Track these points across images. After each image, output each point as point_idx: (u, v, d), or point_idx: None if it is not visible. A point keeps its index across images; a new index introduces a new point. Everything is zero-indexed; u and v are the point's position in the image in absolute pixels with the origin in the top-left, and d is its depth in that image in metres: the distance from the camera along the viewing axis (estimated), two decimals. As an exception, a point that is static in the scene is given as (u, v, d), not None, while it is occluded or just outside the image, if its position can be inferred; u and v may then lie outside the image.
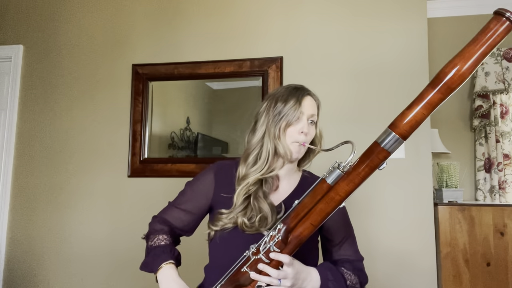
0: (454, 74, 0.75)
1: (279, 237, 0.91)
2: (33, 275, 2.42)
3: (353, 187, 0.85)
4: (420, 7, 2.21)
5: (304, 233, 0.90)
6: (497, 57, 2.76)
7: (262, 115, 1.12)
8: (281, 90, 1.14)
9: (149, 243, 1.15)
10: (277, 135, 1.08)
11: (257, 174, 1.08)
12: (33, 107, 2.56)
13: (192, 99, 2.49)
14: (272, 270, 0.91)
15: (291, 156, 1.09)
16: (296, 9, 2.34)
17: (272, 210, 1.07)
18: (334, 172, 0.88)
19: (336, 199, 0.87)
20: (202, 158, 2.38)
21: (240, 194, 1.07)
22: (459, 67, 0.75)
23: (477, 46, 0.74)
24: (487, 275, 2.09)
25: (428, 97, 0.79)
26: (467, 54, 0.75)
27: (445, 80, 0.76)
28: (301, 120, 1.09)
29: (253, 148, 1.11)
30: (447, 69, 0.76)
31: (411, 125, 0.81)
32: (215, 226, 1.09)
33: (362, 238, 2.15)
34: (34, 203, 2.48)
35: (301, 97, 1.10)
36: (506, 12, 0.71)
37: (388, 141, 0.83)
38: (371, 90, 2.20)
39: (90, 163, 2.44)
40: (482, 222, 2.13)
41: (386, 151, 0.83)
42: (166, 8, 2.50)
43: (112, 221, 2.37)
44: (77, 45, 2.57)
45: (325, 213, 0.88)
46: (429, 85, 0.79)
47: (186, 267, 1.36)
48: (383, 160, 0.84)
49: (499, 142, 2.75)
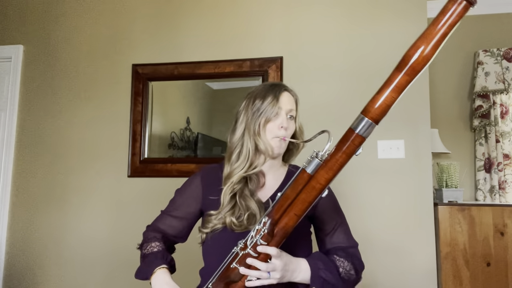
0: (418, 56, 0.78)
1: (264, 230, 0.91)
2: (33, 275, 2.42)
3: (332, 174, 0.88)
4: (420, 7, 2.21)
5: (289, 224, 0.91)
6: (497, 57, 2.76)
7: (241, 114, 1.14)
8: (259, 88, 1.16)
9: (142, 251, 1.17)
10: (256, 131, 1.09)
11: (240, 172, 1.09)
12: (33, 107, 2.56)
13: (192, 99, 2.49)
14: (261, 263, 0.92)
15: (272, 152, 1.11)
16: (296, 9, 2.34)
17: (260, 207, 1.08)
18: (313, 162, 0.90)
19: (317, 188, 0.88)
20: (202, 158, 2.38)
21: (226, 193, 1.09)
22: (423, 49, 0.77)
23: (437, 27, 0.76)
24: (487, 275, 2.09)
25: (396, 80, 0.81)
26: (429, 35, 0.77)
27: (410, 63, 0.79)
28: (279, 116, 1.10)
29: (235, 146, 1.12)
30: (411, 51, 0.79)
31: (382, 109, 0.83)
32: (205, 228, 1.11)
33: (362, 238, 2.15)
34: (34, 203, 2.48)
35: (278, 93, 1.12)
36: None
37: (362, 127, 0.85)
38: (371, 90, 2.18)
39: (90, 163, 2.44)
40: (482, 222, 2.13)
41: (361, 136, 0.85)
42: (166, 8, 2.50)
43: (112, 221, 2.37)
44: (77, 45, 2.57)
45: (308, 202, 0.90)
46: (396, 69, 0.82)
47: (185, 273, 1.37)
48: (359, 146, 0.86)
49: (499, 142, 2.75)
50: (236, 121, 1.16)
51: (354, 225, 2.12)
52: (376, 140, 2.15)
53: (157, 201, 1.30)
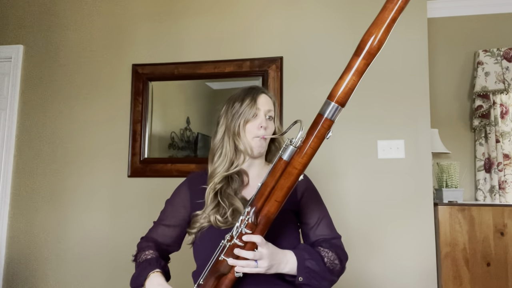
0: (372, 41, 0.87)
1: (248, 219, 0.95)
2: (33, 274, 2.42)
3: (307, 159, 0.93)
4: (420, 7, 2.21)
5: (271, 211, 0.95)
6: (497, 57, 2.77)
7: (222, 117, 1.19)
8: (237, 92, 1.21)
9: (137, 260, 1.19)
10: (236, 132, 1.15)
11: (221, 170, 1.14)
12: (33, 107, 2.56)
13: (192, 99, 2.49)
14: (247, 252, 0.95)
15: (252, 151, 1.16)
16: (296, 9, 2.34)
17: (245, 204, 1.10)
18: (288, 149, 0.95)
19: (294, 173, 0.94)
20: (202, 158, 2.38)
21: (209, 192, 1.13)
22: (375, 35, 0.87)
23: (386, 13, 0.87)
24: (487, 275, 2.09)
25: (356, 65, 0.89)
26: (380, 22, 0.87)
27: (366, 48, 0.88)
28: (258, 116, 1.16)
29: (216, 148, 1.18)
30: (365, 37, 0.88)
31: (345, 92, 0.90)
32: (192, 229, 1.15)
33: (362, 238, 2.15)
34: (34, 203, 2.48)
35: (256, 95, 1.17)
36: None
37: (329, 111, 0.91)
38: (371, 90, 2.20)
39: (90, 163, 2.44)
40: (482, 222, 2.13)
41: (329, 120, 0.92)
42: (166, 8, 2.50)
43: (112, 221, 2.37)
44: (77, 45, 2.57)
45: (287, 188, 0.94)
46: (354, 55, 0.90)
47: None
48: (328, 129, 0.93)
49: (499, 142, 2.75)
50: (217, 124, 1.21)
51: (354, 225, 2.12)
52: (376, 140, 2.15)
53: (157, 201, 1.30)
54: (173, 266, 1.24)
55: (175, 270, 1.21)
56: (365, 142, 2.16)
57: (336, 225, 1.24)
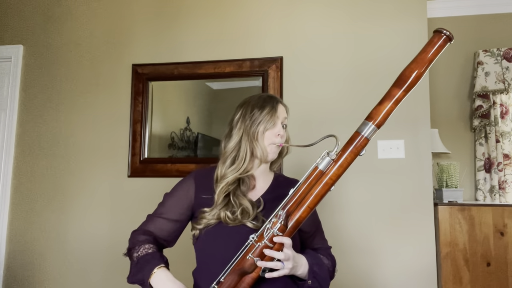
0: (414, 77, 0.99)
1: (281, 221, 1.00)
2: (33, 274, 2.42)
3: (341, 170, 1.01)
4: (420, 7, 2.21)
5: (302, 216, 1.01)
6: (497, 57, 2.77)
7: (239, 122, 1.22)
8: (255, 98, 1.25)
9: (134, 254, 1.14)
10: (255, 138, 1.18)
11: (235, 173, 1.17)
12: (33, 107, 2.56)
13: (192, 99, 2.49)
14: (278, 253, 0.99)
15: (267, 157, 1.20)
16: (296, 9, 2.34)
17: (253, 205, 1.15)
18: (325, 160, 1.02)
19: (329, 183, 1.01)
20: (202, 158, 2.38)
21: (220, 192, 1.15)
22: (418, 71, 0.99)
23: (426, 54, 1.00)
24: (487, 275, 2.09)
25: (396, 95, 1.01)
26: (420, 60, 1.00)
27: (408, 82, 1.00)
28: (277, 125, 1.21)
29: (231, 151, 1.20)
30: (407, 72, 1.00)
31: (384, 117, 1.02)
32: (199, 225, 1.15)
33: (362, 237, 2.15)
34: (34, 203, 2.48)
35: (275, 104, 1.23)
36: (443, 30, 0.98)
37: (366, 130, 1.02)
38: (371, 90, 2.20)
39: (90, 163, 2.44)
40: (482, 222, 2.13)
41: (366, 138, 1.02)
42: (166, 8, 2.50)
43: (112, 221, 2.37)
44: (77, 45, 2.57)
45: (320, 196, 1.01)
46: (395, 85, 1.02)
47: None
48: (364, 147, 1.02)
49: (499, 142, 2.75)
50: (231, 128, 1.23)
51: (354, 225, 2.12)
52: (376, 140, 2.15)
53: (157, 201, 1.29)
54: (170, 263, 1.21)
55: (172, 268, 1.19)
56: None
57: (335, 225, 1.27)
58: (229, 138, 1.22)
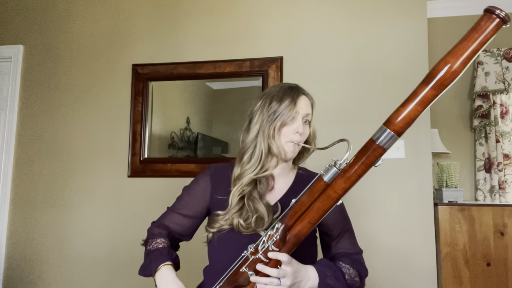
0: (446, 71, 0.76)
1: (277, 236, 0.91)
2: (33, 275, 2.42)
3: (350, 184, 0.87)
4: (420, 7, 2.21)
5: (303, 232, 0.91)
6: (497, 57, 2.76)
7: (256, 114, 1.11)
8: (276, 89, 1.13)
9: (147, 247, 1.15)
10: (271, 134, 1.07)
11: (250, 174, 1.08)
12: (33, 107, 2.56)
13: (192, 99, 2.49)
14: (271, 270, 0.90)
15: (285, 156, 1.09)
16: (296, 9, 2.34)
17: (269, 210, 1.06)
18: (330, 170, 0.88)
19: (334, 197, 0.88)
20: (202, 158, 2.38)
21: (234, 194, 1.07)
22: (451, 64, 0.76)
23: (468, 43, 0.75)
24: (487, 275, 2.09)
25: (422, 93, 0.79)
26: (459, 51, 0.76)
27: (438, 77, 0.77)
28: (296, 120, 1.08)
29: (248, 147, 1.10)
30: (439, 66, 0.77)
31: (405, 122, 0.81)
32: (212, 228, 1.10)
33: (362, 238, 2.14)
34: (34, 203, 2.48)
35: (296, 97, 1.10)
36: (496, 9, 0.72)
37: (383, 138, 0.83)
38: (371, 90, 2.20)
39: (90, 163, 2.44)
40: (482, 222, 2.13)
41: (382, 147, 0.83)
42: (166, 8, 2.50)
43: (112, 221, 2.37)
44: (77, 45, 2.57)
45: (323, 211, 0.89)
46: (423, 82, 0.80)
47: (188, 270, 1.36)
48: (379, 157, 0.85)
49: (499, 142, 2.75)
50: (250, 121, 1.13)
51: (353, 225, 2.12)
52: (376, 140, 2.15)
53: (157, 201, 1.30)
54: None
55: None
56: (365, 142, 2.16)
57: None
58: (247, 132, 1.12)
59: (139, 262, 1.14)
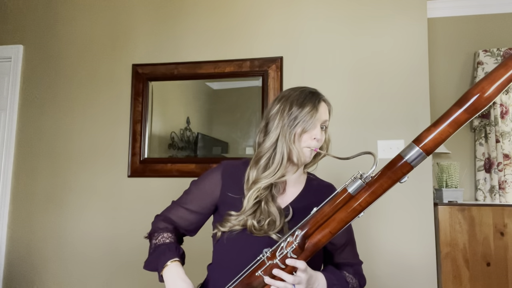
0: (479, 96, 0.78)
1: (296, 243, 0.92)
2: (33, 275, 2.42)
3: (374, 198, 0.88)
4: (420, 7, 2.22)
5: (322, 241, 0.92)
6: (497, 57, 2.76)
7: (276, 118, 1.09)
8: (296, 93, 1.12)
9: (153, 241, 1.13)
10: (292, 139, 1.06)
11: (269, 179, 1.07)
12: (33, 107, 2.56)
13: (192, 99, 2.49)
14: (288, 276, 0.92)
15: (304, 161, 1.10)
16: (296, 9, 2.34)
17: (280, 214, 1.07)
18: (355, 182, 0.89)
19: (357, 209, 0.89)
20: (202, 158, 2.37)
21: (251, 198, 1.07)
22: (485, 90, 0.77)
23: (505, 71, 0.77)
24: (487, 275, 2.09)
25: (454, 115, 0.81)
26: (495, 78, 0.77)
27: (471, 101, 0.78)
28: (316, 127, 1.08)
29: (266, 151, 1.09)
30: (475, 91, 0.78)
31: (436, 142, 0.83)
32: (223, 227, 1.09)
33: (362, 237, 2.15)
34: (34, 203, 2.48)
35: (317, 103, 1.10)
36: None
37: (411, 155, 0.84)
38: (371, 90, 2.20)
39: (90, 163, 2.44)
40: (482, 222, 2.13)
41: (410, 164, 0.85)
42: (166, 8, 2.50)
43: (112, 221, 2.37)
44: (77, 45, 2.57)
45: (345, 222, 0.90)
46: (456, 105, 0.81)
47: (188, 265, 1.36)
48: (406, 173, 0.86)
49: (499, 142, 2.75)
50: (267, 124, 1.11)
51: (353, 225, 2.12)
52: (376, 140, 2.15)
53: (157, 201, 1.29)
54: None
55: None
56: (365, 142, 2.16)
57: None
58: (264, 135, 1.11)
59: (139, 262, 1.14)
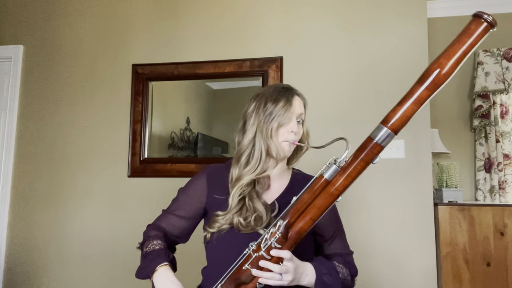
0: (439, 72, 0.82)
1: (279, 233, 0.93)
2: (33, 274, 2.42)
3: (350, 181, 0.91)
4: (420, 7, 2.21)
5: (304, 228, 0.94)
6: (497, 57, 2.77)
7: (252, 115, 1.13)
8: (269, 90, 1.16)
9: (143, 250, 1.14)
10: (269, 135, 1.10)
11: (250, 175, 1.10)
12: (33, 107, 2.56)
13: (192, 99, 2.49)
14: (274, 266, 0.93)
15: (283, 155, 1.12)
16: (296, 9, 2.34)
17: (267, 209, 1.09)
18: (331, 168, 0.93)
19: (334, 193, 0.92)
20: (202, 158, 2.38)
21: (235, 195, 1.09)
22: (443, 65, 0.82)
23: (459, 45, 0.82)
24: (487, 275, 2.09)
25: (417, 93, 0.85)
26: (451, 53, 0.82)
27: (431, 78, 0.83)
28: (291, 121, 1.11)
29: (245, 148, 1.12)
30: (433, 67, 0.83)
31: (402, 121, 0.87)
32: (211, 228, 1.10)
33: (362, 237, 2.15)
34: (34, 203, 2.48)
35: (291, 98, 1.12)
36: (484, 14, 0.80)
37: (380, 136, 0.88)
38: (371, 90, 2.20)
39: (90, 163, 2.44)
40: (482, 222, 2.13)
41: (380, 145, 0.89)
42: (166, 8, 2.50)
43: (112, 221, 2.37)
44: (77, 45, 2.57)
45: (324, 207, 0.93)
46: (417, 83, 0.85)
47: (185, 270, 1.37)
48: (377, 154, 0.90)
49: (499, 142, 2.75)
50: (245, 122, 1.15)
51: (353, 225, 2.12)
52: (376, 140, 2.15)
53: (157, 201, 1.29)
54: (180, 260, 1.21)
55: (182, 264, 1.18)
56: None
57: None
58: (242, 134, 1.15)
59: (139, 262, 1.14)
